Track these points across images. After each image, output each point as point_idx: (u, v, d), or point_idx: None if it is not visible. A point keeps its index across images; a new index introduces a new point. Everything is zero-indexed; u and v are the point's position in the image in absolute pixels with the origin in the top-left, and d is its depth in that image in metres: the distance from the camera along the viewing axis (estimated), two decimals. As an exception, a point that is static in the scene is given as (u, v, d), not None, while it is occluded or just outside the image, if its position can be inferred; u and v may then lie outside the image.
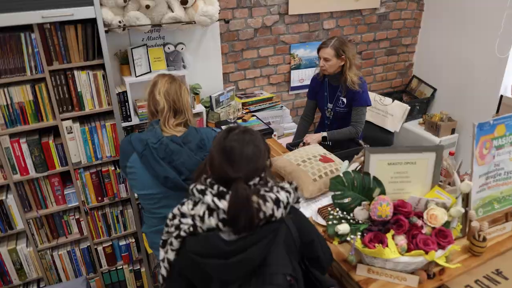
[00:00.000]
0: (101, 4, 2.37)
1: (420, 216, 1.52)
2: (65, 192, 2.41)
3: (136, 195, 2.45)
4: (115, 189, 2.52)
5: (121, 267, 2.77)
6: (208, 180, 1.23)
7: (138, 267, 2.82)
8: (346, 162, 2.11)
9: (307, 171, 2.07)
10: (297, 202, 1.42)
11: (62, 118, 2.21)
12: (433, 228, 1.48)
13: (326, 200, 2.02)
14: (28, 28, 2.00)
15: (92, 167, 2.44)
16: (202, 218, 1.18)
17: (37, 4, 1.92)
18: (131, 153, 1.84)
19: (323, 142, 2.64)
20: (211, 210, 1.18)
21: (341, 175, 1.54)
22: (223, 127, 2.76)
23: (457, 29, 3.53)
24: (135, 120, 2.63)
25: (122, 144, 1.89)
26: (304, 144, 2.62)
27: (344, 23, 3.49)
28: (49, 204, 2.42)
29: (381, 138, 3.31)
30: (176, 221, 1.25)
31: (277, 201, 1.19)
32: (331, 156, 2.22)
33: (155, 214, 1.93)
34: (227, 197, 1.16)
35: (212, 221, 1.17)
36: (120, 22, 2.40)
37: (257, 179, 1.23)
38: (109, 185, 2.49)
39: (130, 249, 2.73)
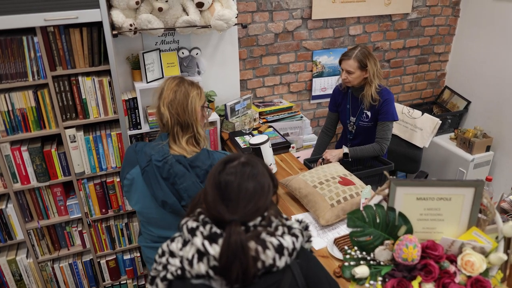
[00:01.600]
0: (112, 6, 2.26)
1: (453, 260, 1.31)
2: (67, 203, 2.29)
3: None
4: (120, 201, 2.39)
5: (125, 282, 2.64)
6: (202, 216, 1.05)
7: (143, 283, 2.68)
8: (368, 187, 1.91)
9: (324, 195, 1.87)
10: (308, 241, 1.24)
11: (65, 126, 2.09)
12: (469, 276, 1.26)
13: (344, 228, 1.82)
14: (30, 31, 1.89)
15: (97, 177, 2.31)
16: (190, 262, 1.01)
17: (39, 6, 1.79)
18: (135, 165, 1.68)
19: (344, 159, 2.43)
20: (201, 254, 1.01)
21: (361, 209, 1.34)
22: (238, 139, 2.59)
23: (496, 37, 3.24)
24: (145, 128, 2.49)
25: (128, 151, 1.73)
26: (323, 161, 2.43)
27: (372, 29, 3.26)
28: (51, 215, 2.31)
29: (408, 154, 3.07)
30: (164, 260, 1.09)
31: (279, 248, 1.01)
32: (352, 177, 2.01)
33: (150, 232, 1.78)
34: (220, 241, 0.98)
35: (201, 267, 1.00)
36: (131, 25, 2.25)
37: (258, 220, 1.04)
38: (113, 197, 2.36)
39: (135, 263, 2.60)
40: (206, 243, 0.98)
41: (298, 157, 2.82)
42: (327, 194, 1.87)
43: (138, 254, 2.58)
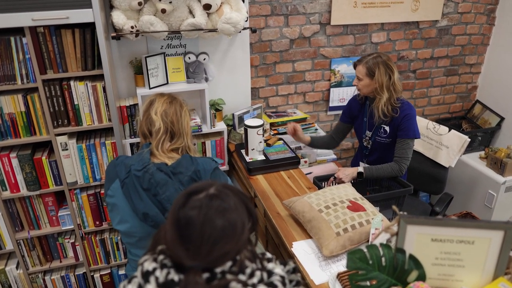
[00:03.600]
0: (113, 6, 2.13)
1: (474, 317, 1.08)
2: (59, 214, 2.17)
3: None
4: (115, 213, 2.24)
5: (119, 298, 2.49)
6: (161, 257, 0.87)
7: (139, 300, 2.53)
8: (379, 216, 1.69)
9: (329, 221, 1.66)
10: (297, 285, 1.04)
11: (57, 133, 1.97)
12: None
13: (351, 261, 1.60)
14: (19, 31, 1.77)
15: (90, 188, 2.19)
16: None
17: (27, 4, 1.67)
18: (114, 179, 1.54)
19: (359, 179, 2.21)
20: None
21: (364, 249, 1.13)
22: (245, 151, 2.41)
23: (536, 49, 2.96)
24: (147, 136, 2.34)
25: (108, 167, 1.61)
26: (335, 180, 2.21)
27: (397, 36, 3.02)
28: (42, 225, 2.20)
29: (432, 173, 2.81)
30: None
31: None
32: (363, 202, 1.79)
33: (136, 257, 1.62)
34: None
35: None
36: (132, 27, 2.12)
37: (227, 265, 0.86)
38: (108, 209, 2.22)
39: (131, 279, 2.45)
40: None
41: (311, 173, 2.62)
42: (333, 221, 1.67)
43: (134, 270, 2.43)
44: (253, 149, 2.30)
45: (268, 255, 1.03)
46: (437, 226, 1.09)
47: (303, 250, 1.68)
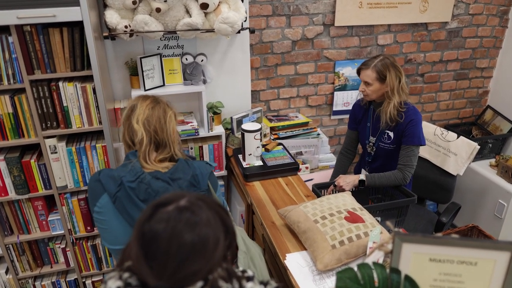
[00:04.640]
0: (106, 5, 2.07)
1: None
2: (49, 218, 2.11)
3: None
4: (107, 219, 2.17)
5: (111, 306, 2.42)
6: (126, 275, 0.79)
7: (132, 308, 2.46)
8: (378, 228, 1.59)
9: (325, 233, 1.57)
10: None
11: (45, 136, 1.91)
12: None
13: (347, 276, 1.50)
14: (5, 30, 1.71)
15: (81, 192, 2.12)
16: None
17: (12, 2, 1.61)
18: (101, 194, 1.43)
19: (360, 187, 2.11)
20: None
21: (355, 268, 1.03)
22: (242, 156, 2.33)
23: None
24: (142, 139, 2.27)
25: (90, 183, 1.47)
26: (335, 188, 2.12)
27: (404, 38, 2.91)
28: (32, 230, 2.13)
29: (439, 181, 2.69)
30: None
31: None
32: (363, 213, 1.69)
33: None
34: None
35: None
36: (126, 27, 2.05)
37: (198, 285, 0.77)
38: (99, 214, 2.15)
39: (123, 287, 2.38)
40: None
41: (312, 179, 2.53)
42: (329, 232, 1.57)
43: (126, 277, 2.36)
44: (250, 154, 2.22)
45: (249, 272, 0.94)
46: (436, 245, 0.99)
47: (296, 263, 1.59)
